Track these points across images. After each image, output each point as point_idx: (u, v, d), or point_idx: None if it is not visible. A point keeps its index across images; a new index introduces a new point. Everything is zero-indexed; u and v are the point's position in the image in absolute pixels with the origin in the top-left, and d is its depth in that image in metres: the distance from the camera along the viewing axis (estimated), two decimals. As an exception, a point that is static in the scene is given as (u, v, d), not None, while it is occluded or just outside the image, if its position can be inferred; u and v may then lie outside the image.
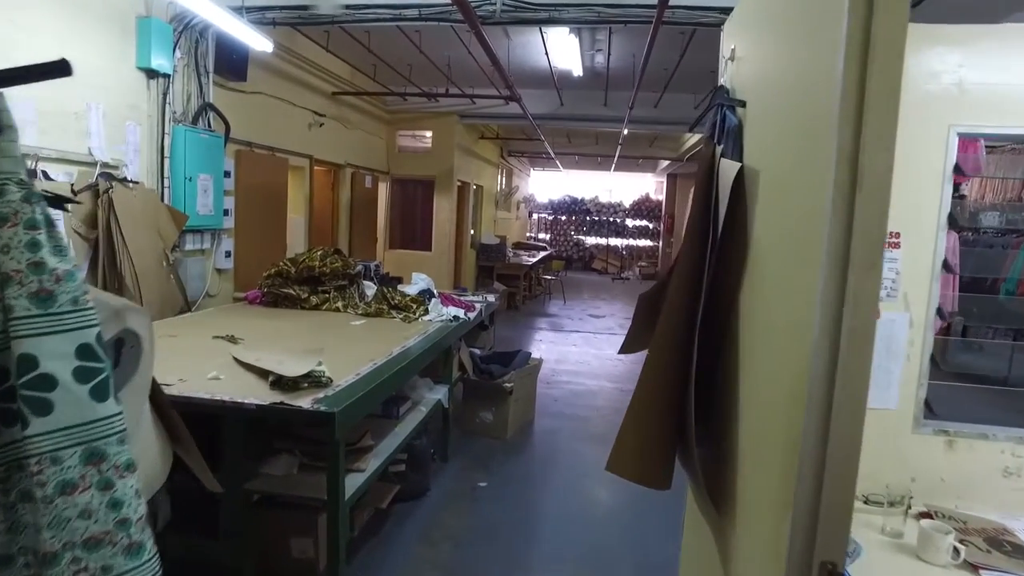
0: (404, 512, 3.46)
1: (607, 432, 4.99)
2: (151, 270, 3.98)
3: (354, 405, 2.35)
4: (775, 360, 1.20)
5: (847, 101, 0.91)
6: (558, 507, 3.68)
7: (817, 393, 0.97)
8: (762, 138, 1.44)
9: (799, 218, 1.12)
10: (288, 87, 6.14)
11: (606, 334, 9.07)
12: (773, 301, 1.25)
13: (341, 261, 4.35)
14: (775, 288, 1.25)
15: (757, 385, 1.34)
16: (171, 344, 3.08)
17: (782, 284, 1.20)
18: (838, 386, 0.95)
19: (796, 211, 1.14)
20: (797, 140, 1.17)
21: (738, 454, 1.46)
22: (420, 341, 3.47)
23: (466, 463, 4.21)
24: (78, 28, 3.54)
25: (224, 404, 2.26)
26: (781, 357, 1.17)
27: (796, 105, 1.19)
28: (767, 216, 1.36)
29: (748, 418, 1.39)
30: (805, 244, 1.08)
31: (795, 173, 1.17)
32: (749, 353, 1.43)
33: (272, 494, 2.54)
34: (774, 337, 1.22)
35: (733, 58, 1.78)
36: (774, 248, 1.28)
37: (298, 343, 3.26)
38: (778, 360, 1.19)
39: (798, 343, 1.07)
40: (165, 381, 2.38)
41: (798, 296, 1.08)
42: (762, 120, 1.46)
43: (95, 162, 3.65)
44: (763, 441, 1.26)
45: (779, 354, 1.18)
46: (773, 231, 1.30)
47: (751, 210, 1.46)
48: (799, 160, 1.15)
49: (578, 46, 6.12)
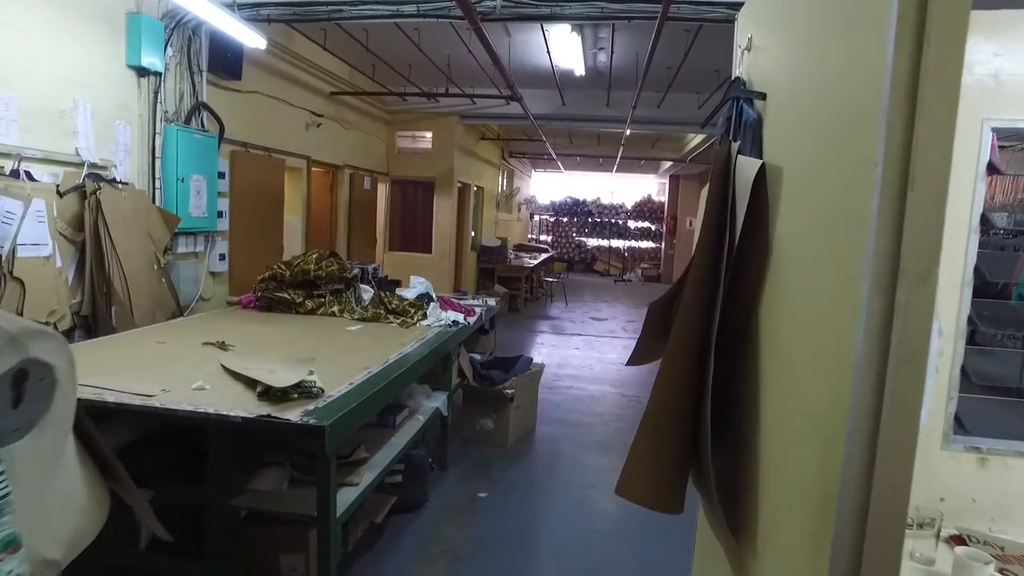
0: (401, 524, 3.34)
1: (610, 439, 4.87)
2: (141, 274, 3.87)
3: (346, 417, 2.23)
4: (806, 378, 1.08)
5: (898, 88, 0.79)
6: (561, 519, 3.56)
7: (861, 420, 0.85)
8: (786, 132, 1.32)
9: (834, 221, 1.00)
10: (285, 86, 6.02)
11: (608, 337, 8.95)
12: (802, 313, 1.13)
13: (337, 264, 4.23)
14: (804, 298, 1.12)
15: (783, 404, 1.21)
16: (158, 351, 2.96)
17: (813, 294, 1.08)
18: (886, 413, 0.83)
19: (830, 213, 1.02)
20: (831, 133, 1.05)
21: (759, 478, 1.33)
22: (418, 347, 3.35)
23: (466, 472, 4.09)
24: (64, 24, 3.42)
25: (208, 417, 2.14)
26: (813, 375, 1.05)
27: (830, 95, 1.06)
28: (792, 218, 1.23)
29: (772, 440, 1.27)
30: (843, 250, 0.95)
31: (828, 170, 1.04)
32: (772, 368, 1.30)
33: (260, 511, 2.42)
34: (803, 353, 1.10)
35: (750, 48, 1.66)
36: (802, 254, 1.16)
37: (291, 349, 3.14)
38: (809, 378, 1.06)
39: (835, 362, 0.94)
40: (146, 392, 2.26)
41: (835, 309, 0.96)
42: (786, 113, 1.34)
43: (82, 162, 3.54)
44: (792, 467, 1.14)
45: (810, 372, 1.06)
46: (800, 235, 1.17)
47: (773, 211, 1.34)
48: (833, 155, 1.02)
49: (580, 44, 6.01)
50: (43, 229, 3.21)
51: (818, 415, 1.01)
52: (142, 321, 3.74)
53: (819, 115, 1.12)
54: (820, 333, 1.03)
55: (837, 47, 1.05)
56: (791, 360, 1.17)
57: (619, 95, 8.06)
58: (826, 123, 1.07)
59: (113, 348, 2.99)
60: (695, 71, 6.74)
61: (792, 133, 1.28)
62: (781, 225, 1.30)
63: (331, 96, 7.06)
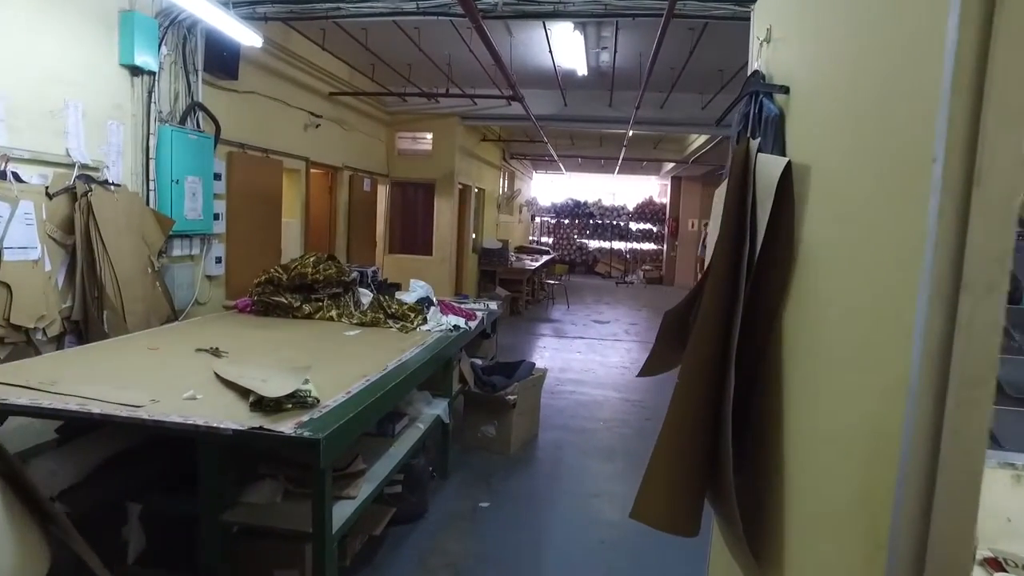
0: (400, 536, 3.24)
1: (614, 446, 4.77)
2: (135, 277, 3.77)
3: (343, 429, 2.13)
4: (844, 397, 0.98)
5: (963, 67, 0.69)
6: (565, 529, 3.46)
7: (918, 449, 0.75)
8: (814, 127, 1.22)
9: (877, 224, 0.90)
10: (283, 87, 5.93)
11: (611, 340, 8.85)
12: (836, 325, 1.03)
13: (335, 268, 4.14)
14: (839, 309, 1.02)
15: (815, 422, 1.11)
16: (150, 359, 2.86)
17: (851, 305, 0.98)
18: (947, 442, 0.73)
19: (872, 215, 0.92)
20: (873, 126, 0.95)
21: (785, 500, 1.24)
22: (418, 353, 3.25)
23: (467, 481, 3.98)
24: (54, 21, 3.33)
25: (198, 429, 2.04)
26: (854, 394, 0.95)
27: (872, 83, 0.96)
28: (823, 220, 1.14)
29: (802, 460, 1.17)
30: (889, 256, 0.86)
31: (869, 167, 0.95)
32: (800, 382, 1.20)
33: (252, 526, 2.32)
34: (840, 368, 1.00)
35: (769, 39, 1.56)
36: (836, 260, 1.06)
37: (287, 355, 3.04)
38: (849, 397, 0.96)
39: (882, 381, 0.85)
40: (134, 402, 2.17)
41: (880, 322, 0.87)
42: (814, 106, 1.24)
43: (73, 163, 3.44)
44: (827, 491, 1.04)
45: (850, 390, 0.96)
46: (834, 239, 1.07)
47: (799, 212, 1.24)
48: (877, 151, 0.93)
49: (583, 43, 5.92)
50: (31, 232, 3.12)
51: (860, 438, 0.91)
52: (135, 326, 3.64)
53: (858, 107, 1.02)
54: (861, 349, 0.93)
55: (883, 28, 0.94)
56: (825, 375, 1.07)
57: (621, 95, 7.97)
58: (867, 115, 0.97)
59: (103, 355, 2.89)
60: (699, 71, 6.65)
61: (822, 128, 1.18)
62: (809, 227, 1.20)
63: (330, 96, 6.97)
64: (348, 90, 7.27)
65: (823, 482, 1.05)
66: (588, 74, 7.09)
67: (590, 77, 7.30)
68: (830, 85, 1.15)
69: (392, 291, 4.74)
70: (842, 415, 0.99)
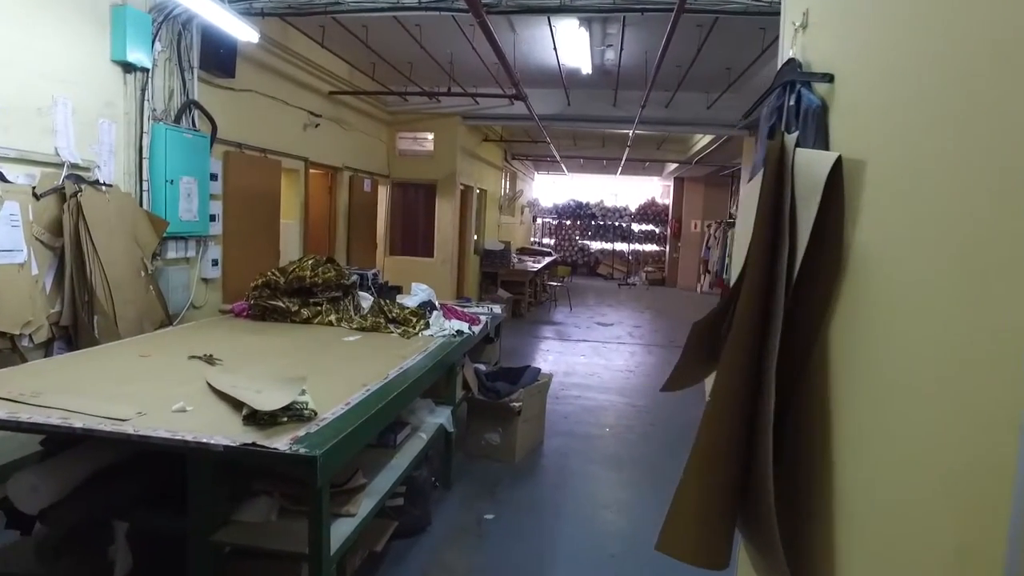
0: (402, 550, 3.11)
1: (621, 453, 4.64)
2: (127, 281, 3.64)
3: (341, 444, 2.00)
4: (923, 431, 0.85)
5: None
6: (573, 542, 3.32)
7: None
8: (871, 118, 1.09)
9: (975, 226, 0.77)
10: (281, 85, 5.80)
11: (615, 343, 8.72)
12: (914, 347, 0.90)
13: (334, 271, 4.00)
14: (917, 328, 0.89)
15: (878, 459, 0.98)
16: (140, 366, 2.73)
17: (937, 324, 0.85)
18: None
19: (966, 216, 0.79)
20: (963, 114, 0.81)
21: (840, 538, 1.10)
22: (420, 360, 3.12)
23: (471, 491, 3.85)
24: (42, 15, 3.21)
25: (186, 444, 1.91)
26: (940, 429, 0.82)
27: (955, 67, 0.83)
28: (884, 223, 1.01)
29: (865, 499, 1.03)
30: (992, 267, 0.73)
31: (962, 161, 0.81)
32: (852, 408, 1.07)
33: (245, 547, 2.18)
34: (919, 397, 0.87)
35: (806, 25, 1.44)
36: (910, 271, 0.92)
37: (284, 362, 2.91)
38: (932, 432, 0.83)
39: (982, 415, 0.72)
40: (119, 415, 2.04)
41: (983, 344, 0.73)
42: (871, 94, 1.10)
43: (62, 163, 3.32)
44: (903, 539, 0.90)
45: (934, 424, 0.83)
46: (903, 246, 0.94)
47: (852, 215, 1.11)
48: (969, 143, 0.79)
49: (588, 41, 5.78)
50: (17, 233, 2.99)
51: (954, 480, 0.78)
52: (127, 331, 3.52)
53: (937, 93, 0.88)
54: (954, 376, 0.80)
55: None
56: (898, 404, 0.93)
57: (626, 95, 7.84)
58: (952, 101, 0.84)
59: (91, 362, 2.76)
60: (705, 70, 6.52)
61: (883, 118, 1.05)
62: (865, 231, 1.07)
63: (330, 95, 6.85)
64: (348, 89, 7.15)
65: (900, 525, 0.92)
66: (592, 73, 6.96)
67: (594, 76, 7.18)
68: (893, 70, 1.02)
69: (393, 295, 4.61)
70: (923, 451, 0.85)
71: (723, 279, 12.26)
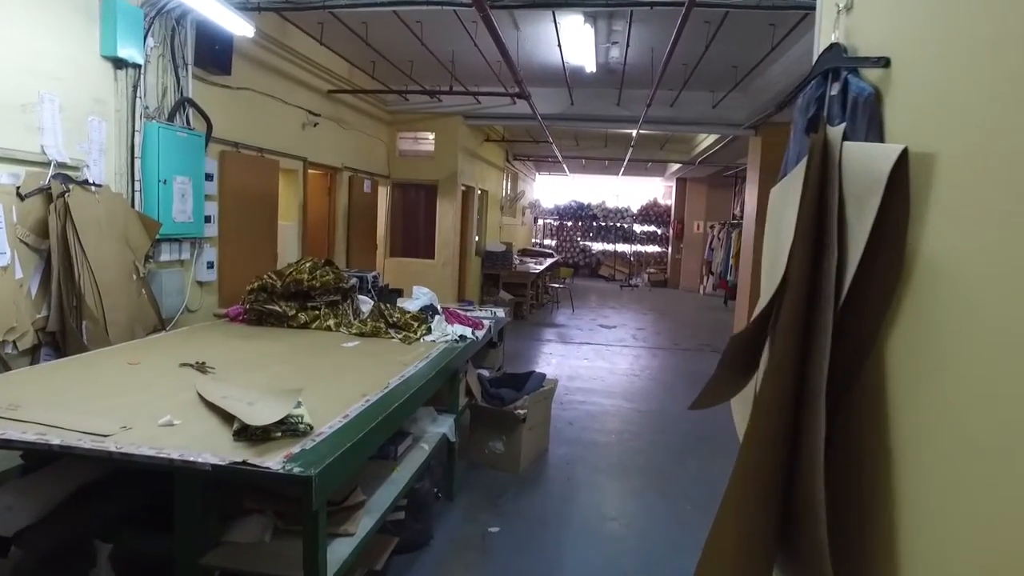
0: (402, 567, 2.97)
1: (627, 461, 4.51)
2: (117, 284, 3.51)
3: (339, 462, 1.87)
4: None
5: None
6: (581, 557, 3.18)
7: None
8: (944, 105, 0.95)
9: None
10: (279, 83, 5.67)
11: (619, 346, 8.58)
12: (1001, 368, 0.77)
13: (333, 274, 3.87)
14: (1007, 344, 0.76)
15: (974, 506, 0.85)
16: (128, 375, 2.60)
17: None
18: None
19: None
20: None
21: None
22: (422, 367, 2.99)
23: (474, 502, 3.71)
24: (28, 8, 3.07)
25: (172, 463, 1.77)
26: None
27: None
28: (964, 225, 0.87)
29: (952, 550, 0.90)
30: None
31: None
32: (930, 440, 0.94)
33: (236, 571, 2.05)
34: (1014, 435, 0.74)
35: (851, 6, 1.30)
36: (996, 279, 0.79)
37: (279, 370, 2.78)
38: None
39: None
40: (101, 431, 1.90)
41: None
42: (938, 78, 0.97)
43: (49, 162, 3.18)
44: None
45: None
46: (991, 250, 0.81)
47: (919, 215, 0.97)
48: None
49: (593, 38, 5.65)
50: (0, 236, 2.85)
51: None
52: (118, 337, 3.38)
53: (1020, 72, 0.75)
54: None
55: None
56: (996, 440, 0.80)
57: (630, 93, 7.70)
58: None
59: (77, 371, 2.63)
60: (711, 68, 6.39)
61: (952, 105, 0.91)
62: (940, 236, 0.93)
63: (329, 94, 6.71)
64: (347, 87, 7.01)
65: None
66: (596, 71, 6.83)
67: (599, 74, 7.04)
68: (967, 50, 0.88)
69: (394, 298, 4.48)
70: None
71: (726, 280, 12.12)
